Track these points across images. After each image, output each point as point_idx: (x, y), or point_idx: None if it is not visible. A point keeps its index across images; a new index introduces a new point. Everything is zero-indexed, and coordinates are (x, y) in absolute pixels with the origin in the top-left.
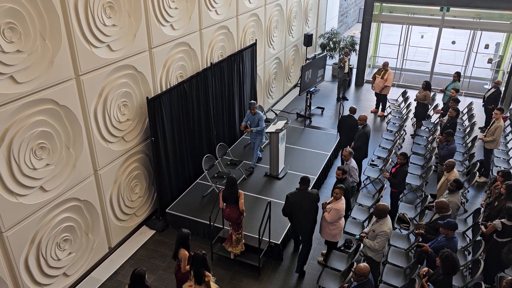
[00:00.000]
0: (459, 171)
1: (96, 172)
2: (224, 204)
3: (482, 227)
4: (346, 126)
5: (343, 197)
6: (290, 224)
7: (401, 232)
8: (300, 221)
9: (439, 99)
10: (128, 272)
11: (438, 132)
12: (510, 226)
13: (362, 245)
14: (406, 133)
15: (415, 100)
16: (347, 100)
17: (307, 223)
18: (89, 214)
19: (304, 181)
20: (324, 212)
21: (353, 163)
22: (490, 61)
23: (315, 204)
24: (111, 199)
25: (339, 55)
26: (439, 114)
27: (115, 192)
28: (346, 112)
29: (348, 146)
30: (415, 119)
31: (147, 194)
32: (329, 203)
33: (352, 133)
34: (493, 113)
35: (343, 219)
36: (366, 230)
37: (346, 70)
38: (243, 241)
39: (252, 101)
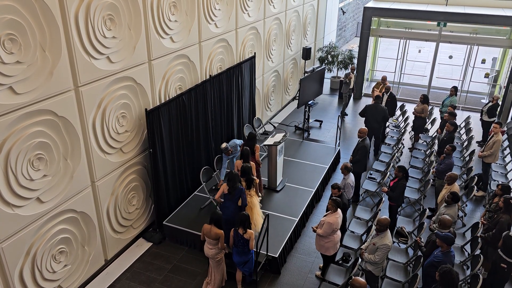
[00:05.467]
0: (457, 185)
1: (94, 183)
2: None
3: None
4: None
5: (339, 210)
6: None
7: (399, 246)
8: (369, 121)
9: (436, 113)
10: (124, 285)
11: (436, 146)
12: None
13: (360, 259)
14: (404, 147)
15: (413, 113)
16: (347, 115)
17: (372, 124)
18: (86, 226)
19: (378, 97)
20: (314, 227)
21: (350, 179)
22: (487, 75)
23: (381, 116)
24: (108, 211)
25: (337, 69)
26: (438, 128)
27: (112, 204)
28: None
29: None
30: (413, 133)
31: (144, 206)
32: (325, 216)
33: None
34: (491, 126)
35: (338, 232)
36: (364, 246)
37: (352, 86)
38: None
39: (223, 146)
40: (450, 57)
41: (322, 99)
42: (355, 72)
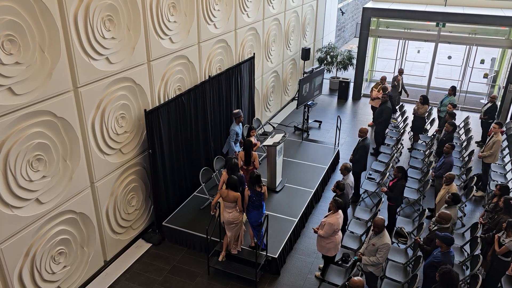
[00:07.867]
0: (456, 185)
1: (93, 184)
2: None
3: (497, 247)
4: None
5: (340, 211)
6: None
7: (398, 246)
8: (382, 123)
9: (435, 113)
10: (123, 286)
11: (435, 146)
12: None
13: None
14: (403, 147)
15: (413, 114)
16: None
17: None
18: (85, 227)
19: (386, 97)
20: (315, 228)
21: (349, 179)
22: (486, 76)
23: (390, 114)
24: (107, 212)
25: (336, 70)
26: (436, 128)
27: (111, 205)
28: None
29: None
30: (412, 133)
31: (143, 207)
32: (326, 217)
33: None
34: (491, 127)
35: (339, 233)
36: (362, 249)
37: (400, 89)
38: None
39: (237, 110)
40: (449, 57)
41: (321, 100)
42: (403, 75)
